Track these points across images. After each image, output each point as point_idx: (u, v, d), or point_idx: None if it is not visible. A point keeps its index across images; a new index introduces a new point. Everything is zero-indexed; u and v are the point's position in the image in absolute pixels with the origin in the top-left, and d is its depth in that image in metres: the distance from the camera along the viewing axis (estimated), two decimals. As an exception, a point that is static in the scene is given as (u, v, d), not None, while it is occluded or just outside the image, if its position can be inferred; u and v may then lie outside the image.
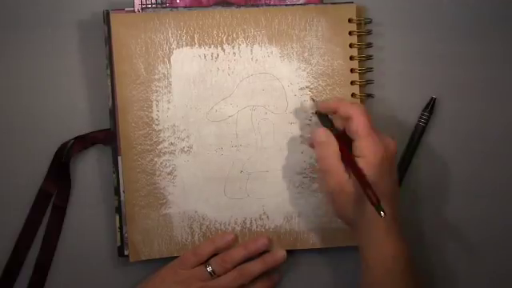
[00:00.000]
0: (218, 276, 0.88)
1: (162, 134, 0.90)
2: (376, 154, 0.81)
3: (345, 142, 0.84)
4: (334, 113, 0.85)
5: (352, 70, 0.91)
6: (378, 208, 0.79)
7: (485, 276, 0.94)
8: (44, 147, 0.91)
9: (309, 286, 0.93)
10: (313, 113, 0.89)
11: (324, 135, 0.84)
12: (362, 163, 0.81)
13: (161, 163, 0.90)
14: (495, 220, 0.94)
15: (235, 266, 0.89)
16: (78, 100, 0.92)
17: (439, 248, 0.94)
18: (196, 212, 0.91)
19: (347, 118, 0.83)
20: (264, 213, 0.91)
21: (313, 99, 0.89)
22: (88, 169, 0.92)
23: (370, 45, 0.92)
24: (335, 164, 0.82)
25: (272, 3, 0.91)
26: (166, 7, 0.90)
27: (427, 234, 0.94)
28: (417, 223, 0.94)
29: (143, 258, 0.90)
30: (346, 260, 0.92)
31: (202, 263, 0.89)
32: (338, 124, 0.86)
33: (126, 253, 0.91)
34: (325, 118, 0.87)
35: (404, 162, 0.93)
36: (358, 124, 0.82)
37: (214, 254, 0.90)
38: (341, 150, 0.83)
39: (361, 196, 0.81)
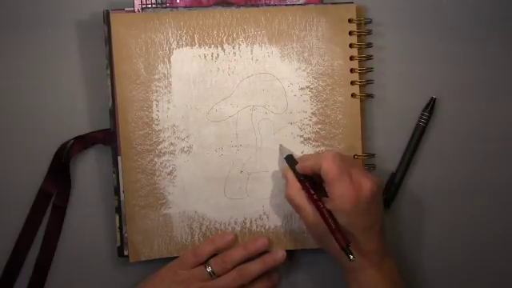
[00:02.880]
0: (218, 276, 0.88)
1: (161, 134, 0.90)
2: (346, 199, 0.82)
3: (317, 184, 0.85)
4: (314, 171, 0.85)
5: (352, 70, 0.91)
6: (347, 251, 0.80)
7: (485, 276, 0.94)
8: (44, 147, 0.91)
9: (309, 286, 0.93)
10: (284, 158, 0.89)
11: (288, 175, 0.87)
12: (331, 207, 0.82)
13: (161, 163, 0.90)
14: (495, 220, 0.94)
15: (235, 267, 0.89)
16: (78, 100, 0.92)
17: (439, 248, 0.94)
18: (196, 212, 0.91)
19: (319, 167, 0.84)
20: (264, 213, 0.91)
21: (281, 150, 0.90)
22: (88, 169, 0.92)
23: (370, 45, 0.92)
24: (302, 202, 0.84)
25: (272, 3, 0.91)
26: (166, 7, 0.90)
27: (427, 234, 0.94)
28: (417, 223, 0.94)
29: (143, 259, 0.90)
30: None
31: (201, 263, 0.89)
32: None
33: (125, 253, 0.91)
34: (292, 161, 0.87)
35: (404, 162, 0.93)
36: (326, 171, 0.83)
37: (214, 255, 0.90)
38: (306, 191, 0.84)
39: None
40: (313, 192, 0.84)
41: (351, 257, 0.80)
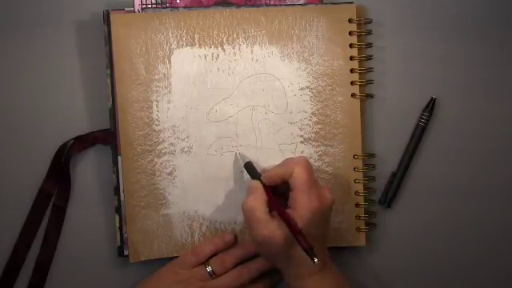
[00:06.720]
0: (218, 276, 0.88)
1: (161, 135, 0.90)
2: (308, 208, 0.81)
3: (277, 192, 0.84)
4: (283, 178, 0.84)
5: (352, 70, 0.91)
6: (311, 254, 0.79)
7: (485, 276, 0.94)
8: (44, 147, 0.91)
9: (309, 286, 0.94)
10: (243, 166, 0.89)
11: (253, 187, 0.84)
12: (292, 214, 0.81)
13: (161, 163, 0.90)
14: (495, 220, 0.94)
15: (235, 266, 0.89)
16: (78, 100, 0.92)
17: (438, 248, 0.94)
18: (196, 212, 0.91)
19: (291, 173, 0.83)
20: (264, 213, 0.91)
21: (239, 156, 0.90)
22: (88, 169, 0.92)
23: (370, 45, 0.92)
24: (262, 217, 0.82)
25: (272, 3, 0.91)
26: (166, 7, 0.90)
27: (427, 234, 0.94)
28: (417, 222, 0.94)
29: (143, 259, 0.90)
30: (346, 260, 0.92)
31: (201, 263, 0.89)
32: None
33: (125, 253, 0.91)
34: (253, 171, 0.87)
35: (404, 162, 0.93)
36: (298, 178, 0.82)
37: (214, 254, 0.90)
38: (269, 198, 0.83)
39: (290, 246, 0.81)
40: (278, 201, 0.83)
41: (315, 260, 0.79)
